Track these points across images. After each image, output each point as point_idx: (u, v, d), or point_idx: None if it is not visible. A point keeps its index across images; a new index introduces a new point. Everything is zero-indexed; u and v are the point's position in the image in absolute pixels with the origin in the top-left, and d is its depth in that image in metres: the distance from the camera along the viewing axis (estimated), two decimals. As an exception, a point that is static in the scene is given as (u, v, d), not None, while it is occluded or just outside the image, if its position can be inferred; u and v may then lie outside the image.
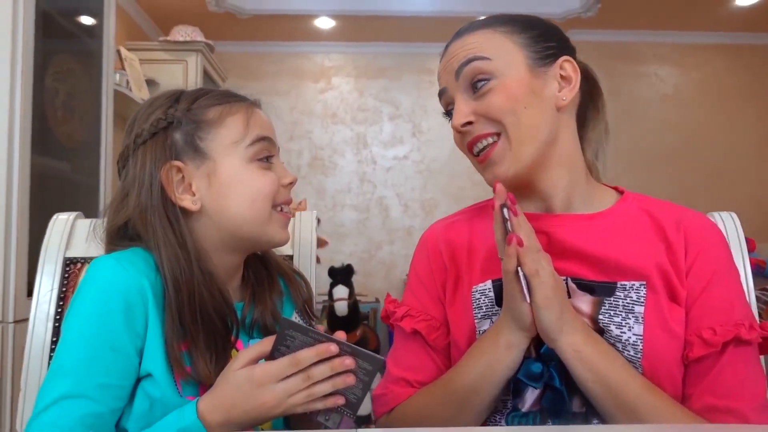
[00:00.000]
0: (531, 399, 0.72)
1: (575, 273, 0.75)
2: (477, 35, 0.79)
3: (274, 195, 0.80)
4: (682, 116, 4.40)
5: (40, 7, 1.79)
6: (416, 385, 0.81)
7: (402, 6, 3.88)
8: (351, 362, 0.63)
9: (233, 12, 3.87)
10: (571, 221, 0.79)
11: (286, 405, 0.64)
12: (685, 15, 4.09)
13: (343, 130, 4.56)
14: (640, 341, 0.70)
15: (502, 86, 0.75)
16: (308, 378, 0.63)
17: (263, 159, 0.80)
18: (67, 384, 0.68)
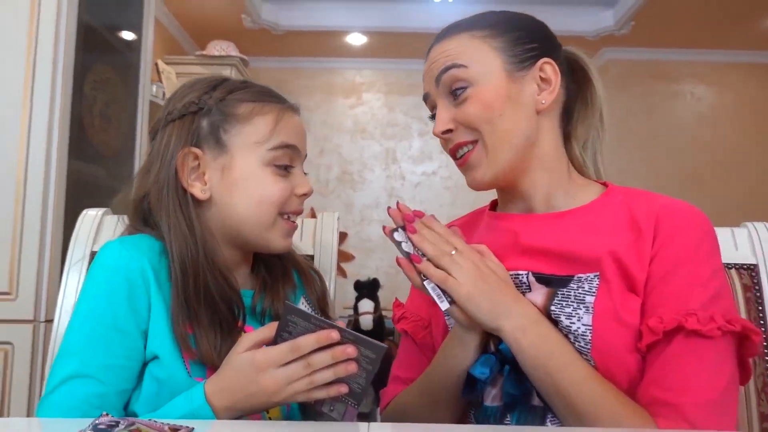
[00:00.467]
0: (493, 392, 0.74)
1: (535, 268, 0.76)
2: (455, 40, 0.79)
3: (283, 203, 0.79)
4: (717, 135, 4.30)
5: (82, 20, 1.86)
6: (408, 382, 0.84)
7: (433, 23, 3.90)
8: (353, 350, 0.62)
9: (268, 28, 3.96)
10: (540, 220, 0.80)
11: (287, 392, 0.63)
12: (722, 34, 4.02)
13: (372, 145, 4.59)
14: (589, 331, 0.69)
15: (478, 94, 0.76)
16: (308, 365, 0.62)
17: (281, 166, 0.79)
18: (74, 364, 0.69)
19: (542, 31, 0.83)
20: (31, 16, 1.75)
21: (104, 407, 0.67)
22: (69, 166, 1.80)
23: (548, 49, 0.80)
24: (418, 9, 3.87)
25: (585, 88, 0.86)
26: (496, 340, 0.73)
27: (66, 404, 0.67)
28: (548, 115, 0.80)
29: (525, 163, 0.79)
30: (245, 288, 0.82)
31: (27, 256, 1.68)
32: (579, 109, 0.86)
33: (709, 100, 4.38)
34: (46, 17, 1.75)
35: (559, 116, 0.82)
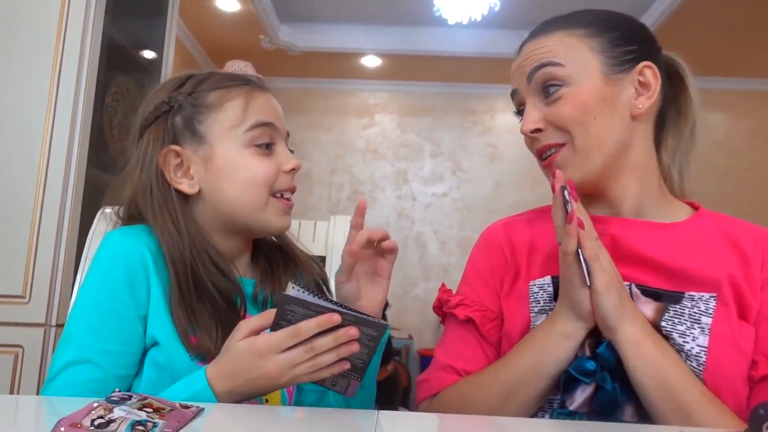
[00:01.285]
0: (581, 398, 0.68)
1: (640, 279, 0.72)
2: (552, 38, 0.76)
3: (272, 182, 0.78)
4: (732, 163, 4.28)
5: (107, 35, 1.92)
6: (463, 374, 0.79)
7: (447, 46, 3.96)
8: (355, 331, 0.61)
9: (285, 49, 4.04)
10: (640, 227, 0.76)
11: (289, 375, 0.63)
12: (737, 62, 4.03)
13: (384, 165, 4.62)
14: (703, 353, 0.66)
15: (573, 95, 0.74)
16: (311, 350, 0.62)
17: (262, 145, 0.78)
18: (74, 350, 0.70)
19: (642, 33, 0.80)
20: (58, 29, 1.81)
21: (104, 393, 0.67)
22: (87, 174, 1.84)
23: (648, 52, 0.77)
24: (432, 32, 3.93)
25: (680, 96, 0.83)
26: (592, 344, 0.70)
27: (66, 390, 0.68)
28: (643, 121, 0.77)
29: (614, 168, 0.75)
30: (246, 277, 0.82)
31: (42, 260, 1.71)
32: (672, 117, 0.83)
33: (725, 127, 4.37)
34: (72, 31, 1.81)
35: (654, 123, 0.79)
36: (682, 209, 0.80)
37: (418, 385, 0.82)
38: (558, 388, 0.70)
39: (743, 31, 3.60)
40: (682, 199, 0.83)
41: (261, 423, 0.58)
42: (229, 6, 3.53)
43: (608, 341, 0.68)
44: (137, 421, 0.47)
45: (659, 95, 0.77)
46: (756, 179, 4.26)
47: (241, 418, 0.59)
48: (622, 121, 0.75)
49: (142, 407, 0.51)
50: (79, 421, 0.46)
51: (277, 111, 0.82)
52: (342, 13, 3.88)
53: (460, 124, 4.61)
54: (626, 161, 0.76)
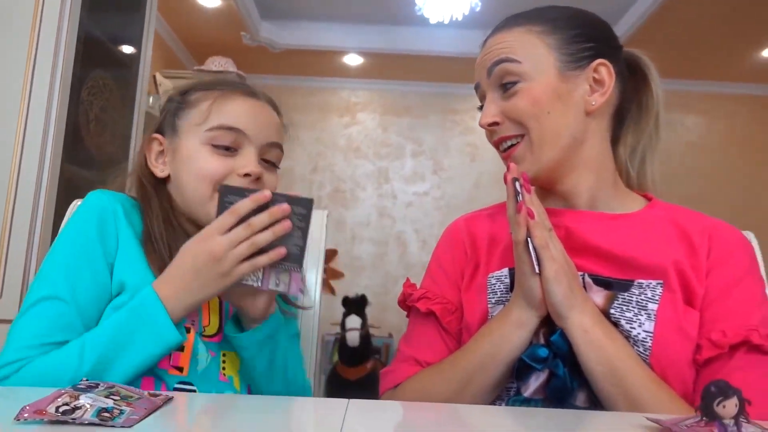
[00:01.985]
0: (535, 385, 0.71)
1: (592, 269, 0.74)
2: (512, 34, 0.79)
3: (219, 180, 0.81)
4: (706, 164, 4.37)
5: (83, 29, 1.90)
6: (425, 365, 0.81)
7: (429, 46, 3.98)
8: (287, 207, 0.67)
9: (266, 46, 4.02)
10: (593, 218, 0.78)
11: (232, 256, 0.68)
12: (712, 65, 4.11)
13: (365, 164, 4.62)
14: (649, 338, 0.68)
15: (528, 90, 0.76)
16: (249, 226, 0.68)
17: (220, 147, 0.83)
18: (45, 288, 0.74)
19: (601, 31, 0.81)
20: (33, 22, 1.78)
21: (69, 327, 0.72)
22: (62, 169, 1.81)
23: (605, 49, 0.79)
24: (414, 31, 3.94)
25: (642, 91, 0.85)
26: (546, 332, 0.72)
27: (34, 323, 0.71)
28: (598, 117, 0.79)
29: (569, 162, 0.78)
30: None
31: (14, 257, 1.68)
32: (633, 114, 0.85)
33: (699, 129, 4.46)
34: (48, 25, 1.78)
35: (610, 119, 0.81)
36: (636, 201, 0.82)
37: (382, 377, 0.84)
38: (513, 376, 0.72)
39: (718, 35, 3.67)
40: (639, 192, 0.85)
41: (228, 412, 0.58)
42: (210, 2, 3.51)
43: (561, 329, 0.70)
44: (103, 408, 0.47)
45: (616, 92, 0.79)
46: (730, 180, 4.35)
47: (209, 407, 0.59)
48: (576, 116, 0.77)
49: (109, 395, 0.51)
50: (44, 408, 0.46)
51: (257, 116, 0.86)
52: (324, 11, 3.87)
53: (441, 123, 4.63)
54: (580, 156, 0.78)
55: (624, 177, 0.85)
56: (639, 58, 0.85)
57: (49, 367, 0.68)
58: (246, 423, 0.54)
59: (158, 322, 0.69)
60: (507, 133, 0.78)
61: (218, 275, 0.69)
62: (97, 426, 0.45)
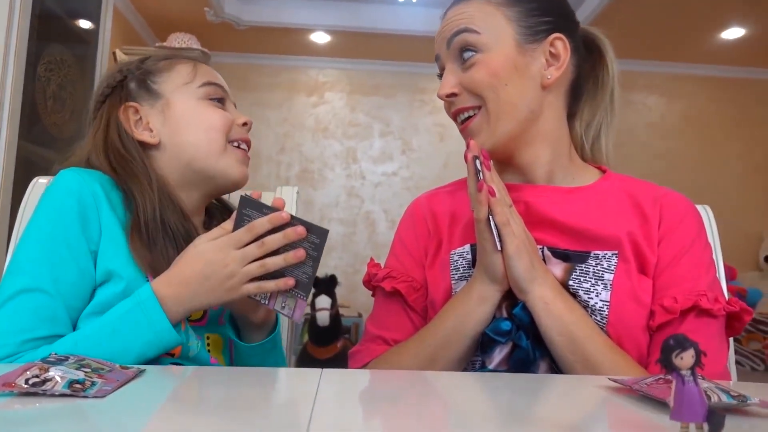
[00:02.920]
0: (499, 357, 0.73)
1: (550, 242, 0.76)
2: (472, 5, 0.79)
3: (228, 130, 0.84)
4: (667, 144, 4.49)
5: (38, 3, 1.82)
6: (392, 344, 0.82)
7: (397, 25, 3.96)
8: (302, 230, 0.67)
9: (231, 22, 3.93)
10: (550, 192, 0.80)
11: (242, 273, 0.67)
12: (673, 47, 4.20)
13: (333, 144, 4.59)
14: (606, 307, 0.71)
15: (486, 61, 0.76)
16: (262, 245, 0.67)
17: (215, 99, 0.85)
18: (23, 280, 0.69)
19: (559, 6, 0.82)
20: (-18, -7, 1.70)
21: (54, 320, 0.68)
22: (18, 148, 1.75)
23: (562, 24, 0.80)
24: (382, 9, 3.91)
25: (598, 68, 0.86)
26: (508, 305, 0.73)
27: (14, 319, 0.67)
28: (554, 92, 0.80)
29: (526, 135, 0.79)
30: None
31: (-29, 237, 1.63)
32: (589, 89, 0.86)
33: (660, 109, 4.57)
34: None
35: (566, 94, 0.82)
36: (592, 173, 0.84)
37: (350, 357, 0.85)
38: (478, 350, 0.74)
39: (679, 17, 3.75)
40: (593, 164, 0.87)
41: (202, 382, 0.58)
42: (171, -24, 3.40)
43: (522, 303, 0.72)
44: (75, 380, 0.47)
45: (571, 67, 0.81)
46: (688, 159, 4.49)
47: (182, 379, 0.59)
48: (532, 89, 0.78)
49: (80, 367, 0.50)
50: (12, 381, 0.45)
51: (222, 80, 0.89)
52: (290, -12, 3.80)
53: (410, 103, 4.63)
54: (536, 129, 0.79)
55: (579, 150, 0.87)
56: (595, 35, 0.86)
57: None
58: (221, 393, 0.54)
59: (158, 325, 0.66)
60: (464, 105, 0.79)
61: (225, 288, 0.68)
62: (69, 397, 0.45)
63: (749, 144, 4.54)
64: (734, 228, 4.29)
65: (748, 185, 4.49)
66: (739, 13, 3.68)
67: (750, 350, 3.84)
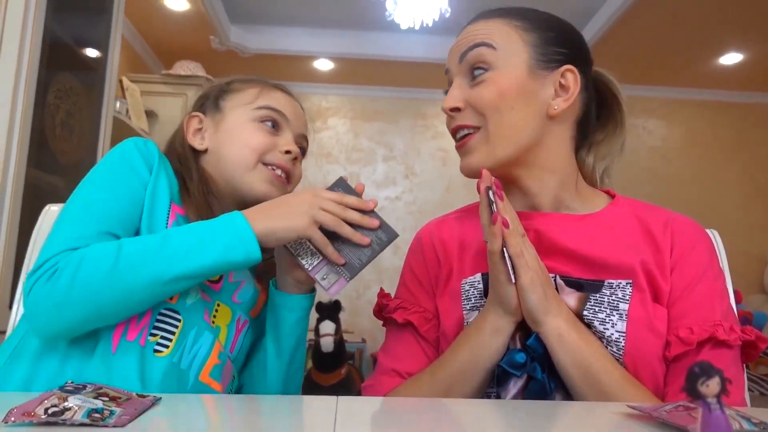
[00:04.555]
0: (514, 390, 0.72)
1: (563, 271, 0.76)
2: (491, 23, 0.80)
3: (264, 151, 0.90)
4: (668, 167, 4.51)
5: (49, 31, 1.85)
6: (406, 376, 0.80)
7: (400, 51, 4.01)
8: (376, 222, 0.76)
9: (236, 50, 3.98)
10: (561, 220, 0.79)
11: (317, 210, 0.75)
12: (673, 72, 4.25)
13: (337, 169, 4.61)
14: (622, 338, 0.70)
15: (496, 80, 0.76)
16: (344, 208, 0.76)
17: (266, 122, 0.92)
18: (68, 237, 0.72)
19: (576, 41, 0.82)
20: (-5, 22, 1.73)
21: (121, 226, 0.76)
22: (27, 174, 1.76)
23: (576, 58, 0.80)
24: (384, 37, 3.96)
25: (616, 111, 0.87)
26: (521, 336, 0.72)
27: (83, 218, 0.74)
28: (560, 123, 0.79)
29: (526, 161, 0.78)
30: None
31: (-22, 263, 1.63)
32: (609, 130, 0.87)
33: (660, 133, 4.60)
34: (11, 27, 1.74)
35: (573, 127, 0.82)
36: (600, 198, 0.84)
37: (363, 390, 0.84)
38: (493, 382, 0.73)
39: (678, 43, 3.80)
40: (601, 189, 0.87)
41: (219, 411, 0.58)
42: (178, 5, 3.46)
43: (536, 333, 0.71)
44: (93, 409, 0.46)
45: (579, 102, 0.81)
46: (691, 182, 4.50)
47: (199, 408, 0.59)
48: (537, 117, 0.77)
49: (98, 396, 0.50)
50: (32, 410, 0.45)
51: (294, 109, 0.97)
52: (294, 16, 3.86)
53: (412, 128, 4.66)
54: (538, 157, 0.79)
55: (587, 177, 0.87)
56: (609, 80, 0.87)
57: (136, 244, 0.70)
58: (238, 421, 0.53)
59: (243, 234, 0.72)
60: (465, 122, 0.78)
61: (304, 210, 0.75)
62: (89, 427, 0.45)
63: (750, 167, 4.56)
64: (738, 251, 4.28)
65: (751, 208, 4.49)
66: (736, 39, 3.74)
67: (758, 375, 3.79)
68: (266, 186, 0.89)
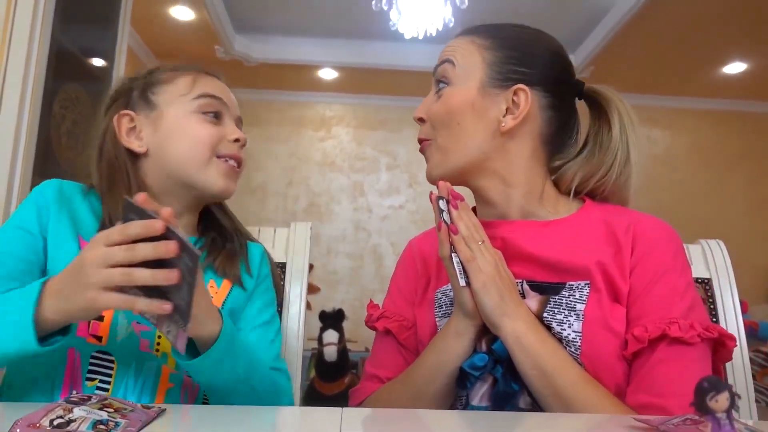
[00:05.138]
0: (480, 392, 0.75)
1: (528, 275, 0.77)
2: (461, 40, 0.83)
3: (215, 144, 0.85)
4: (672, 176, 4.50)
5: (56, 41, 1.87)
6: (386, 381, 0.84)
7: (403, 60, 4.03)
8: (174, 247, 0.57)
9: (241, 59, 4.01)
10: (525, 227, 0.81)
11: (103, 274, 0.59)
12: (676, 81, 4.26)
13: (340, 178, 4.63)
14: (579, 338, 0.71)
15: (449, 96, 0.80)
16: (130, 249, 0.59)
17: (209, 113, 0.86)
18: None
19: (542, 61, 0.81)
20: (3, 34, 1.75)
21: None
22: (33, 184, 1.77)
23: (538, 78, 0.80)
24: (388, 46, 3.98)
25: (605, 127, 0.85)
26: (488, 340, 0.75)
27: None
28: (515, 138, 0.80)
29: (485, 173, 0.81)
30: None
31: (-17, 273, 1.63)
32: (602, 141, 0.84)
33: (665, 142, 4.60)
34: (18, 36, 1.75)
35: (535, 142, 0.81)
36: (570, 205, 0.83)
37: (350, 395, 0.88)
38: (457, 384, 0.75)
39: (681, 53, 3.81)
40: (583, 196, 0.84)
41: (224, 423, 0.58)
42: (184, 15, 3.49)
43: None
44: (99, 420, 0.46)
45: (541, 119, 0.81)
46: (694, 191, 4.49)
47: (203, 419, 0.59)
48: (487, 133, 0.80)
49: (102, 407, 0.50)
50: (37, 422, 0.45)
51: (227, 92, 0.90)
52: (298, 26, 3.89)
53: (415, 137, 4.63)
54: (497, 171, 0.80)
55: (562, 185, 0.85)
56: (600, 94, 0.86)
57: None
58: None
59: (22, 317, 0.61)
60: (421, 134, 0.83)
61: (88, 281, 0.60)
62: (93, 438, 0.45)
63: (754, 176, 4.55)
64: (743, 260, 4.26)
65: (756, 217, 4.47)
66: (740, 48, 3.74)
67: (764, 386, 3.76)
68: (224, 181, 0.85)
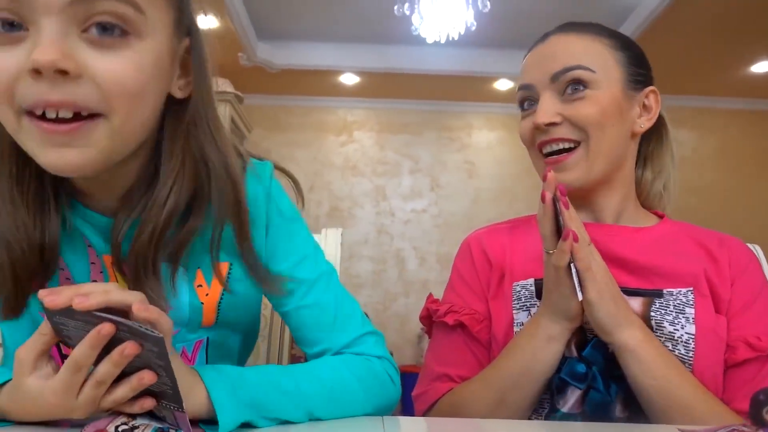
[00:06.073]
0: (572, 400, 0.71)
1: (620, 282, 0.74)
2: (581, 40, 0.79)
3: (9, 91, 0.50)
4: (700, 178, 4.42)
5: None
6: (458, 380, 0.79)
7: (424, 65, 4.03)
8: (133, 347, 0.48)
9: (263, 66, 4.06)
10: (617, 231, 0.80)
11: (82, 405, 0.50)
12: (704, 81, 4.19)
13: (362, 182, 4.64)
14: (692, 340, 0.70)
15: (597, 98, 0.76)
16: (98, 384, 0.49)
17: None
18: None
19: (648, 62, 0.84)
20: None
21: None
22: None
23: (652, 79, 0.83)
24: (410, 51, 3.99)
25: (661, 128, 0.88)
26: (577, 341, 0.72)
27: None
28: (635, 141, 0.83)
29: (609, 178, 0.80)
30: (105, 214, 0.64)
31: None
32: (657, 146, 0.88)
33: (692, 143, 4.52)
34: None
35: (637, 144, 0.85)
36: (651, 218, 0.86)
37: (415, 400, 0.83)
38: (550, 392, 0.72)
39: (709, 52, 3.75)
40: (649, 209, 0.88)
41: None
42: (207, 23, 3.53)
43: (593, 341, 0.71)
44: (159, 427, 0.48)
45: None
46: (721, 193, 4.41)
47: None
48: (625, 135, 0.80)
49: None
50: (103, 428, 0.46)
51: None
52: (320, 32, 3.92)
53: (438, 141, 4.67)
54: (618, 174, 0.81)
55: (641, 196, 0.88)
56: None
57: None
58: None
59: None
60: (565, 136, 0.77)
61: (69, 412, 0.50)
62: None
63: (786, 177, 4.45)
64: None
65: (787, 219, 4.37)
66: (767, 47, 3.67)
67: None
68: (47, 153, 0.52)
